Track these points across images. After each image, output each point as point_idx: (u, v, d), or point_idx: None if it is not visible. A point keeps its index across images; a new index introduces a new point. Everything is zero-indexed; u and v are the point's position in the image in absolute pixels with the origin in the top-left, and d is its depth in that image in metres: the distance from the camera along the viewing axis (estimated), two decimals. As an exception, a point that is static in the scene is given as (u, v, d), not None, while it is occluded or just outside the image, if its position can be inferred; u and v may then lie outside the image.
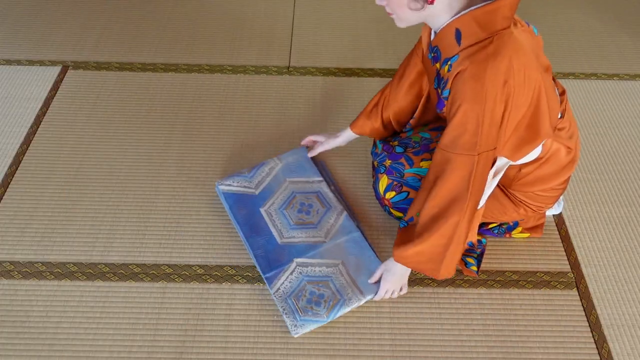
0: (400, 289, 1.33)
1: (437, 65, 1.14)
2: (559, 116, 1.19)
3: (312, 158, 1.60)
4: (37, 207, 1.52)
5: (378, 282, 1.32)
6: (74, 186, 1.57)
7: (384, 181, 1.36)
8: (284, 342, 1.27)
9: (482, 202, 1.26)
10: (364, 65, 1.99)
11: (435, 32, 1.12)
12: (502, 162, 1.19)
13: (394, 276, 1.29)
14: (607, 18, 2.23)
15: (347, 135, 1.52)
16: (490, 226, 1.44)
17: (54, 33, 2.07)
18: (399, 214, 1.38)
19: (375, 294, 1.31)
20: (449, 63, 1.08)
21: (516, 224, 1.45)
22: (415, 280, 1.38)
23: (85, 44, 2.03)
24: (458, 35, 1.05)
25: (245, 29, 2.13)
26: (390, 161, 1.36)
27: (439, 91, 1.14)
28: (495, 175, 1.20)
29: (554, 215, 1.53)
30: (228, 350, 1.26)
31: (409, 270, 1.29)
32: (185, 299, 1.34)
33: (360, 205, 1.54)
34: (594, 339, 1.29)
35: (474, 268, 1.37)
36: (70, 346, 1.25)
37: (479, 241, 1.42)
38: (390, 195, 1.35)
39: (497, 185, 1.32)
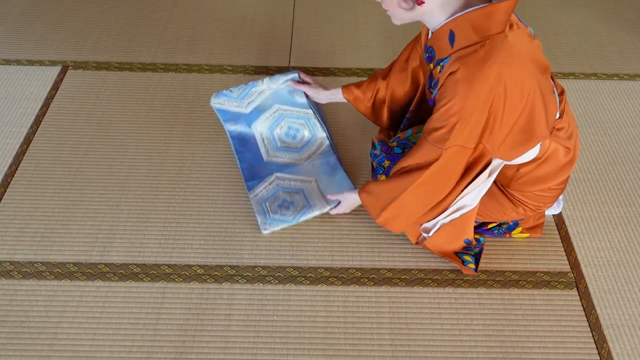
0: None
1: (431, 65, 1.16)
2: (557, 116, 1.19)
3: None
4: (37, 207, 1.52)
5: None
6: (74, 186, 1.57)
7: (383, 182, 1.37)
8: (284, 342, 1.27)
9: (476, 202, 1.27)
10: (364, 65, 1.99)
11: (432, 33, 1.14)
12: (496, 162, 1.20)
13: (348, 202, 1.43)
14: (607, 18, 2.23)
15: (333, 93, 1.51)
16: (490, 226, 1.44)
17: (54, 33, 2.07)
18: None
19: (335, 207, 1.46)
20: (441, 64, 1.10)
21: (516, 224, 1.45)
22: (415, 280, 1.39)
23: (85, 44, 2.03)
24: (452, 37, 1.07)
25: (245, 29, 2.13)
26: (388, 162, 1.37)
27: (431, 91, 1.16)
28: (490, 174, 1.22)
29: (553, 215, 1.53)
30: (228, 350, 1.26)
31: (359, 202, 1.38)
32: (185, 299, 1.34)
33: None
34: (594, 339, 1.29)
35: (472, 266, 1.37)
36: (70, 346, 1.25)
37: (477, 240, 1.42)
38: (389, 195, 1.36)
39: (496, 185, 1.32)
